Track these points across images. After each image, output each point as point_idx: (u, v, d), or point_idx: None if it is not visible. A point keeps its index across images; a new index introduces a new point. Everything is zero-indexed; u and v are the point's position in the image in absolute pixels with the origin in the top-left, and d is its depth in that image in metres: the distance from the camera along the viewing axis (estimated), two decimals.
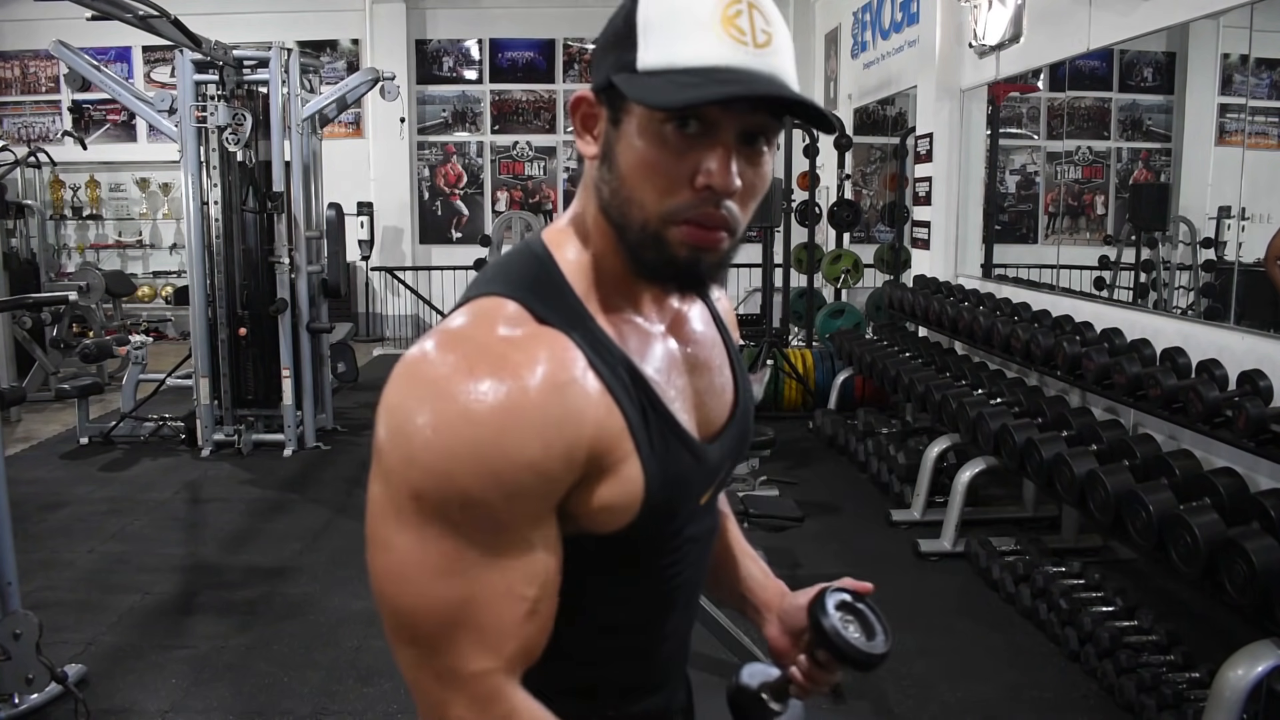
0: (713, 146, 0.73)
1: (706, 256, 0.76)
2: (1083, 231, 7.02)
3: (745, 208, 0.77)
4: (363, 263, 9.37)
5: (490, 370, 0.70)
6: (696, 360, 0.88)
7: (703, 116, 0.72)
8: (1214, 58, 5.51)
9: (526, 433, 0.69)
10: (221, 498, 4.62)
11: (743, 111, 0.73)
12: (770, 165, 0.79)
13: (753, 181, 0.76)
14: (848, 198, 7.27)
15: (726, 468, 0.91)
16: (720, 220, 0.75)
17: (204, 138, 5.22)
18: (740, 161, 0.74)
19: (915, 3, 6.13)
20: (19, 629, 2.58)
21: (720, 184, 0.73)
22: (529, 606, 0.72)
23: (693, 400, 0.86)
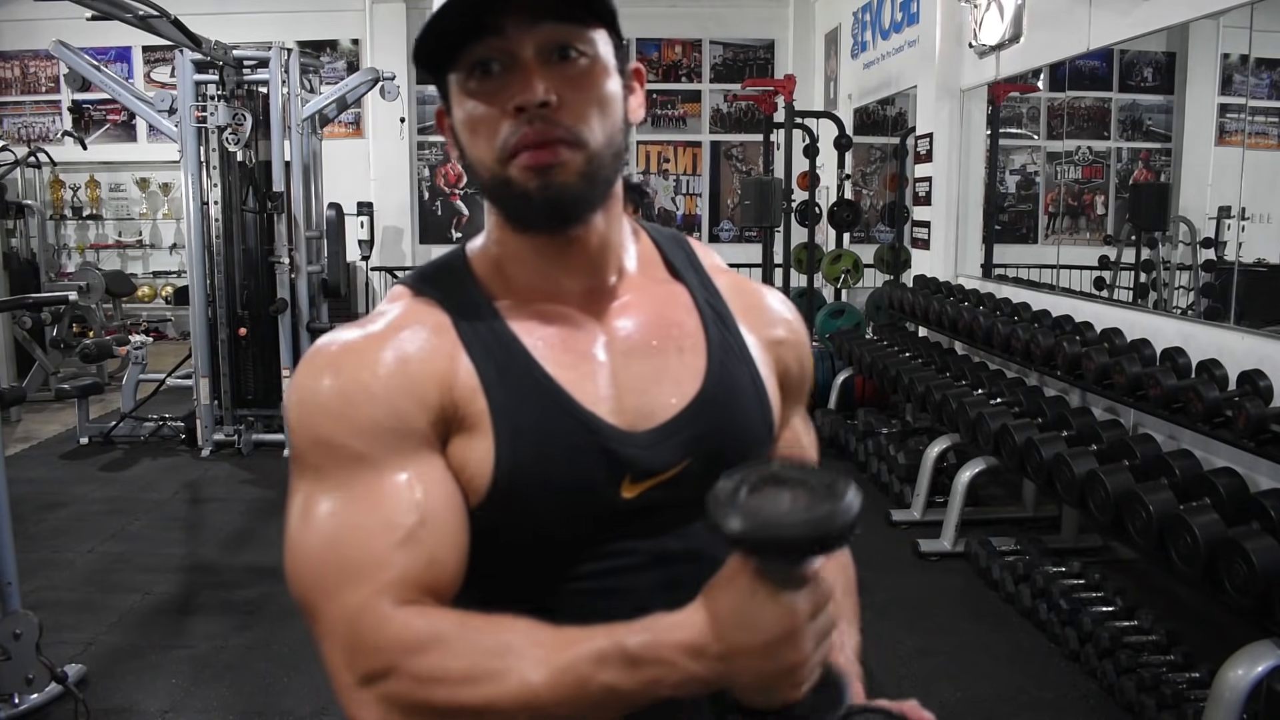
0: (515, 73, 0.73)
1: (553, 175, 0.74)
2: (1083, 231, 7.02)
3: (582, 117, 0.75)
4: (363, 263, 9.36)
5: (344, 337, 0.77)
6: (636, 343, 0.82)
7: (495, 53, 0.73)
8: (1214, 58, 5.51)
9: (365, 371, 0.73)
10: (221, 498, 4.62)
11: (523, 26, 0.73)
12: (602, 71, 0.77)
13: (578, 91, 0.75)
14: (848, 198, 7.27)
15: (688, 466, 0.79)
16: (546, 133, 0.73)
17: (204, 138, 5.22)
18: (552, 76, 0.73)
19: (915, 3, 6.13)
20: (19, 629, 2.58)
21: (524, 99, 0.72)
22: (404, 533, 0.69)
23: (622, 383, 0.79)
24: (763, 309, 0.92)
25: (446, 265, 0.85)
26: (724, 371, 0.83)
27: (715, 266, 0.94)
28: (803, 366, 0.94)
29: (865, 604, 0.97)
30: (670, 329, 0.84)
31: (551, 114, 0.73)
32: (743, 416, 0.83)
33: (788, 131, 6.37)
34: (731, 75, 9.21)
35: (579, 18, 0.75)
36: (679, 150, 9.48)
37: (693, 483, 0.75)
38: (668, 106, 9.38)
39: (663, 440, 0.79)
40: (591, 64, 0.76)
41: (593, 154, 0.75)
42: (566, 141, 0.74)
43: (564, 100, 0.74)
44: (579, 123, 0.75)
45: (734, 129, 9.48)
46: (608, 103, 0.77)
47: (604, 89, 0.76)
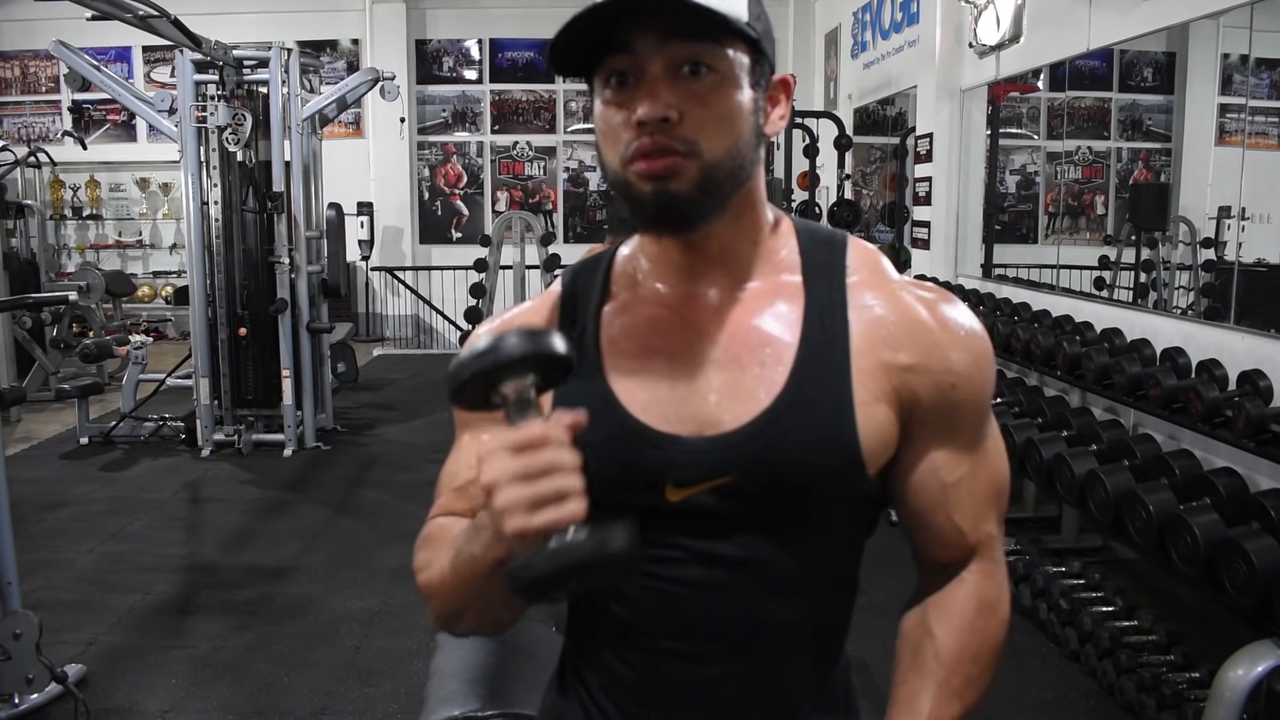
0: (642, 87, 0.77)
1: (667, 184, 0.77)
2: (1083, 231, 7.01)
3: (701, 129, 0.77)
4: (363, 263, 9.37)
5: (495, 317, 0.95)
6: (720, 353, 0.82)
7: (628, 67, 0.77)
8: (1214, 58, 5.50)
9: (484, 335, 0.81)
10: (221, 498, 4.62)
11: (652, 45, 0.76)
12: (730, 87, 0.78)
13: (701, 105, 0.77)
14: (848, 198, 7.27)
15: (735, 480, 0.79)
16: (662, 145, 0.77)
17: (204, 138, 5.22)
18: (676, 91, 0.76)
19: (915, 3, 6.13)
20: (19, 629, 2.58)
21: (645, 113, 0.76)
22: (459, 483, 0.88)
23: (691, 389, 0.81)
24: (895, 328, 0.83)
25: (599, 256, 0.93)
26: (800, 392, 0.80)
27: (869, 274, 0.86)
28: (945, 395, 0.82)
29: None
30: (760, 343, 0.82)
31: (671, 128, 0.76)
32: (808, 442, 0.79)
33: (788, 131, 6.37)
34: None
35: (713, 35, 0.76)
36: None
37: (744, 496, 0.79)
38: None
39: (714, 450, 0.79)
40: (720, 80, 0.78)
41: (708, 164, 0.78)
42: (681, 153, 0.77)
43: (686, 114, 0.76)
44: (697, 135, 0.77)
45: None
46: (732, 117, 0.78)
47: (729, 103, 0.78)
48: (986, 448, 0.88)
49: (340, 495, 4.65)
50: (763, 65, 0.82)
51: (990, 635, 0.92)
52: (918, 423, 0.83)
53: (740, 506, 0.80)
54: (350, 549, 3.91)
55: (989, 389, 0.86)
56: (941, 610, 0.91)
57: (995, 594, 0.92)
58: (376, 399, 6.87)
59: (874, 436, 0.81)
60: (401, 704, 2.70)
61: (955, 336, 0.83)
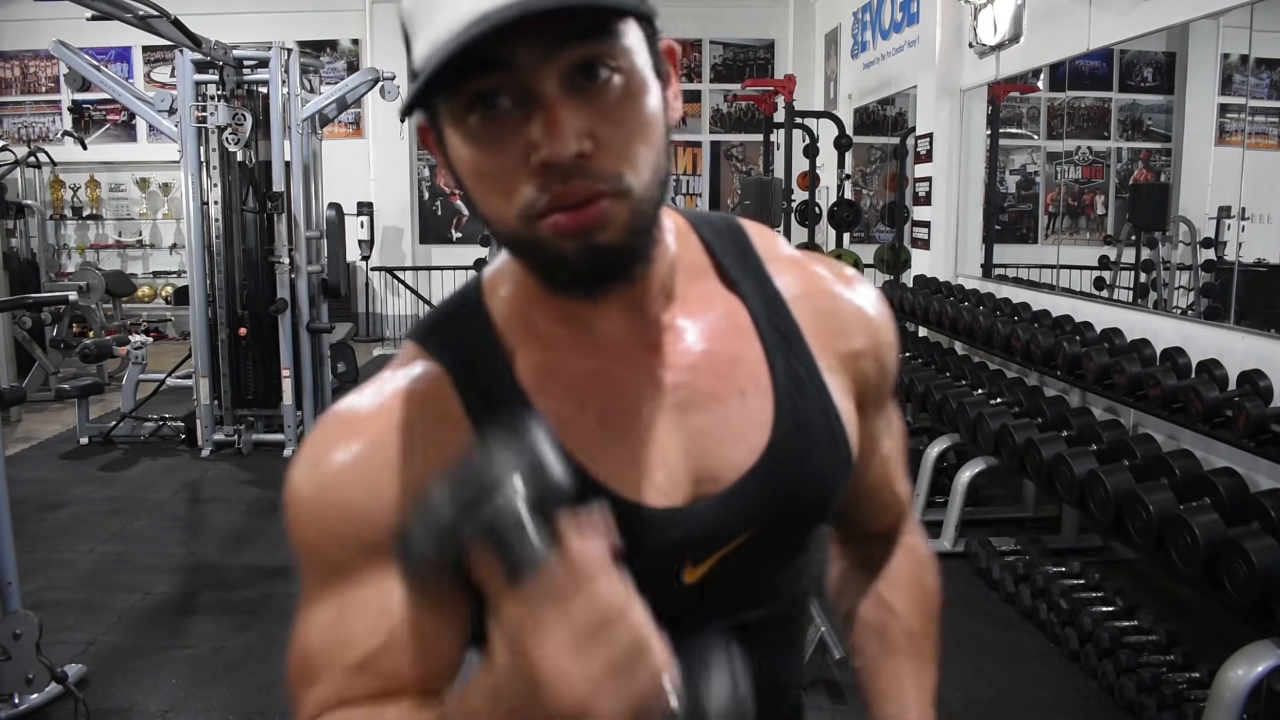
0: (532, 111, 0.57)
1: (595, 236, 0.58)
2: (1083, 231, 7.02)
3: (624, 157, 0.58)
4: (363, 263, 9.37)
5: (341, 421, 0.67)
6: (690, 392, 0.68)
7: (502, 86, 0.57)
8: (1214, 58, 5.51)
9: (352, 476, 0.64)
10: (221, 498, 4.62)
11: (538, 55, 0.56)
12: (638, 87, 0.59)
13: (615, 124, 0.58)
14: (848, 198, 7.28)
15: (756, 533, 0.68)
16: (583, 190, 0.57)
17: (204, 138, 5.22)
18: (581, 109, 0.57)
19: (915, 3, 6.13)
20: (19, 629, 2.58)
21: (551, 152, 0.56)
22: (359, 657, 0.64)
23: (677, 446, 0.67)
24: (837, 314, 0.76)
25: (460, 311, 0.71)
26: (794, 413, 0.70)
27: (778, 259, 0.77)
28: (884, 369, 0.79)
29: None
30: (730, 367, 0.69)
31: (588, 163, 0.57)
32: (817, 465, 0.71)
33: (788, 131, 6.37)
34: (731, 75, 9.21)
35: (606, 24, 0.57)
36: (679, 150, 9.48)
37: (764, 548, 0.70)
38: None
39: (727, 509, 0.67)
40: (627, 81, 0.58)
41: (638, 199, 0.60)
42: (607, 193, 0.58)
43: (600, 140, 0.57)
44: (621, 166, 0.58)
45: (734, 129, 9.49)
46: (652, 126, 0.60)
47: (646, 109, 0.60)
48: (894, 412, 0.85)
49: None
50: (656, 42, 0.62)
51: (935, 586, 0.92)
52: (866, 404, 0.77)
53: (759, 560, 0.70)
54: None
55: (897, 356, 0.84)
56: (893, 584, 0.91)
57: (924, 544, 0.94)
58: None
59: (854, 439, 0.74)
60: None
61: (879, 310, 0.79)
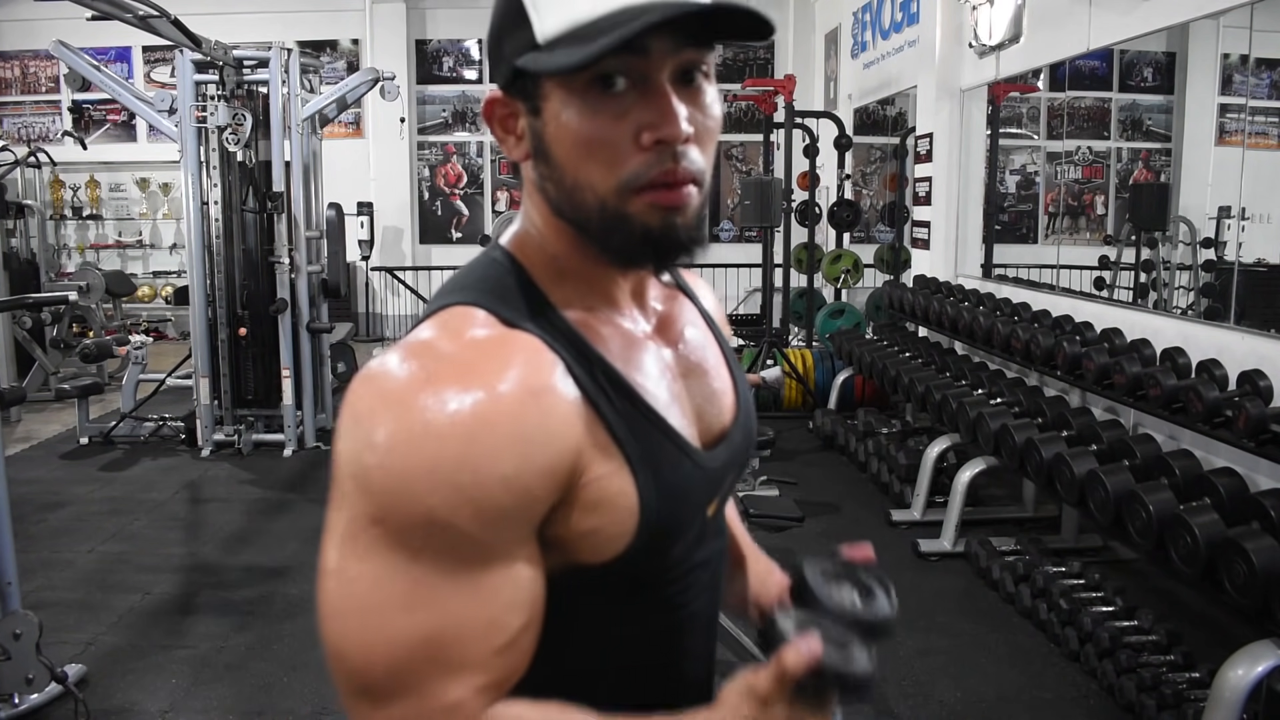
0: (649, 97, 0.66)
1: (679, 217, 0.68)
2: (1083, 231, 7.02)
3: (705, 152, 0.69)
4: (363, 263, 9.37)
5: (456, 378, 0.62)
6: (690, 363, 0.81)
7: (626, 69, 0.65)
8: (1214, 58, 5.51)
9: (499, 444, 0.61)
10: (221, 498, 4.62)
11: (667, 49, 0.65)
12: (716, 96, 0.71)
13: (704, 122, 0.69)
14: (848, 198, 7.28)
15: (731, 476, 0.83)
16: (684, 174, 0.67)
17: (204, 138, 5.22)
18: (684, 100, 0.67)
19: (915, 3, 6.13)
20: (19, 629, 2.58)
21: (670, 134, 0.65)
22: (508, 637, 0.64)
23: (691, 406, 0.79)
24: (719, 311, 0.93)
25: (513, 284, 0.72)
26: (740, 379, 0.86)
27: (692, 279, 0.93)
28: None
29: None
30: (703, 344, 0.84)
31: (687, 149, 0.67)
32: (753, 418, 0.88)
33: (788, 131, 6.37)
34: (731, 75, 9.21)
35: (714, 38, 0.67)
36: None
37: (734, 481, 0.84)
38: None
39: (721, 455, 0.79)
40: (709, 88, 0.70)
41: (706, 186, 0.71)
42: (695, 180, 0.69)
43: (694, 131, 0.68)
44: (706, 158, 0.69)
45: (734, 129, 9.49)
46: (717, 130, 0.71)
47: (717, 115, 0.71)
48: None
49: None
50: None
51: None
52: None
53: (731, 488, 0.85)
54: None
55: None
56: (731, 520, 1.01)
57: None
58: None
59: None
60: None
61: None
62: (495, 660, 0.64)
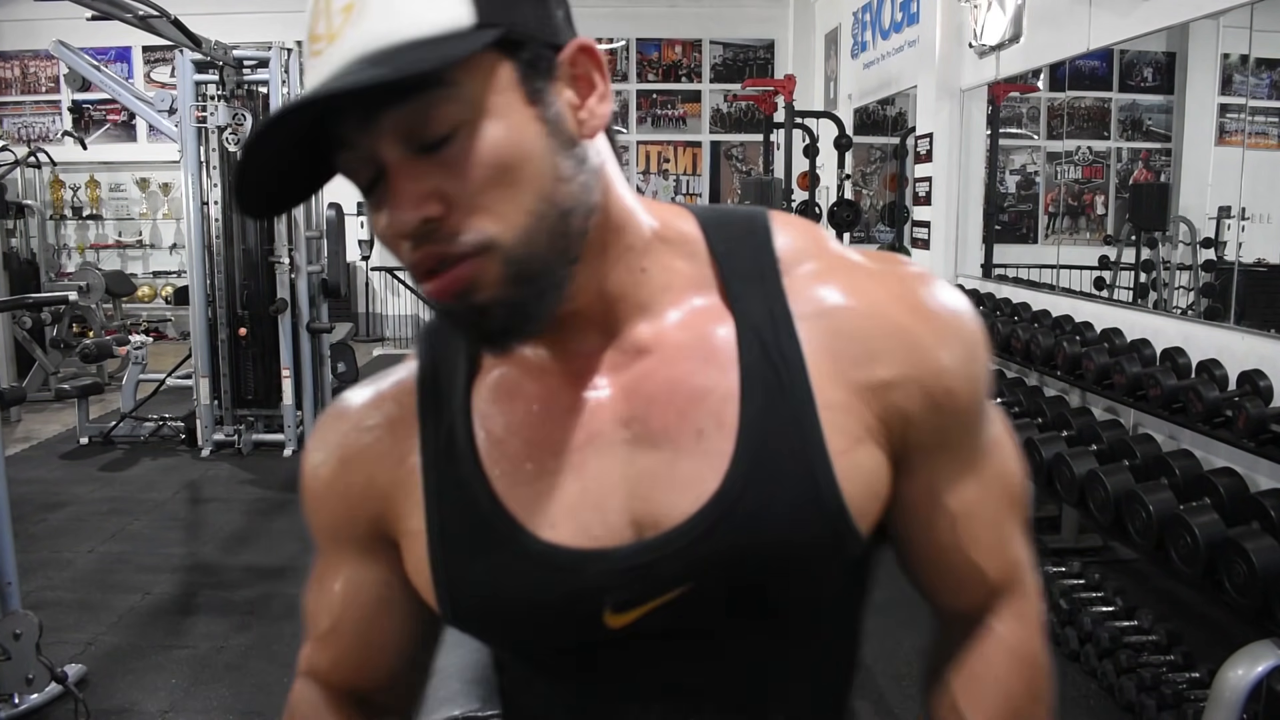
0: (384, 180, 0.56)
1: (473, 298, 0.56)
2: (1083, 231, 7.02)
3: (478, 209, 0.55)
4: (363, 263, 9.36)
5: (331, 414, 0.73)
6: (643, 428, 0.61)
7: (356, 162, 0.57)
8: (1214, 58, 5.51)
9: (320, 470, 0.71)
10: (221, 498, 4.62)
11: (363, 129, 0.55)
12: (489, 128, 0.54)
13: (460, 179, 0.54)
14: (848, 198, 7.28)
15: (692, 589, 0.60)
16: (433, 256, 0.56)
17: (204, 138, 5.22)
18: (427, 171, 0.55)
19: (915, 3, 6.13)
20: (19, 629, 2.58)
21: (393, 226, 0.56)
22: (330, 623, 0.73)
23: (617, 483, 0.61)
24: (863, 335, 0.62)
25: None
26: (759, 458, 0.60)
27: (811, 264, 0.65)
28: (939, 402, 0.63)
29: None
30: (691, 401, 0.61)
31: (440, 227, 0.55)
32: (781, 521, 0.59)
33: (788, 131, 6.37)
34: (731, 75, 9.21)
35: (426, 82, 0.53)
36: (679, 150, 9.48)
37: (705, 608, 0.61)
38: (668, 106, 9.38)
39: (659, 558, 0.60)
40: (471, 129, 0.54)
41: (513, 247, 0.56)
42: (469, 254, 0.55)
43: (450, 198, 0.55)
44: (476, 221, 0.55)
45: (734, 129, 9.49)
46: (515, 166, 0.55)
47: (502, 152, 0.55)
48: (991, 452, 0.68)
49: None
50: (531, 54, 0.56)
51: (1035, 693, 0.73)
52: (913, 449, 0.64)
53: (706, 618, 0.62)
54: None
55: (986, 381, 0.66)
56: (973, 684, 0.72)
57: (1031, 640, 0.73)
58: None
59: (863, 491, 0.61)
60: None
61: (940, 326, 0.63)
62: (312, 647, 0.74)
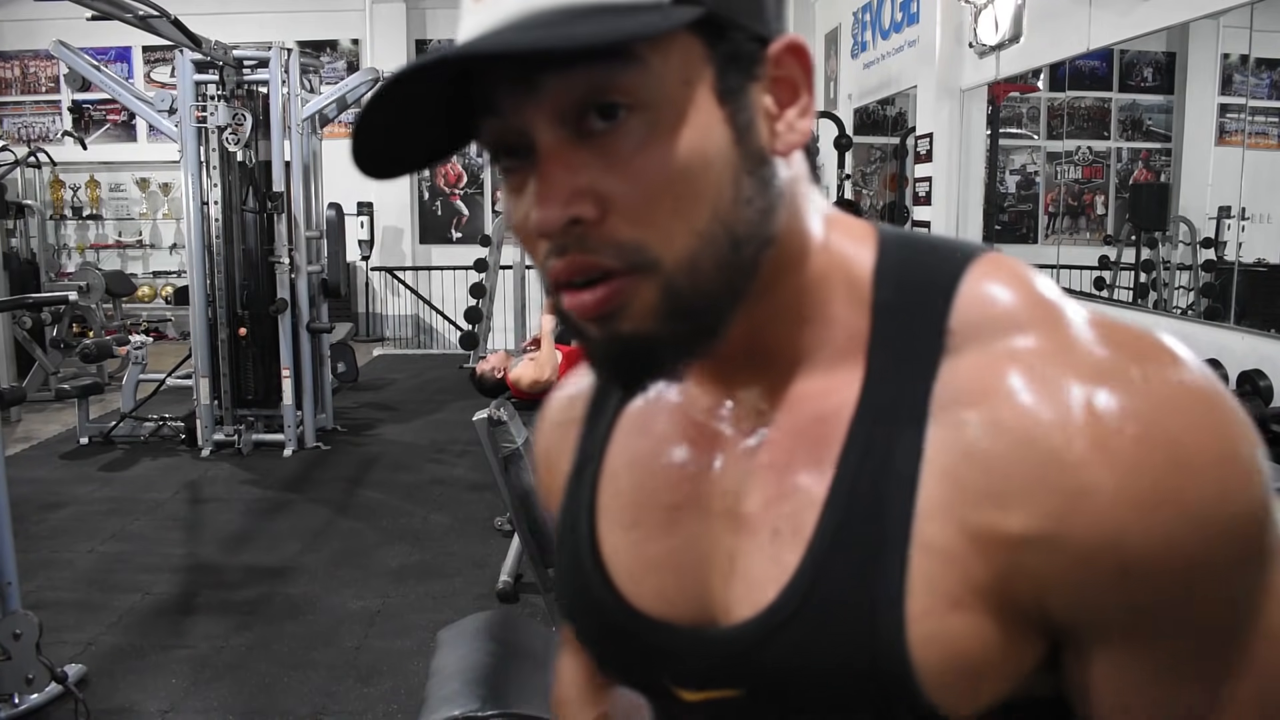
0: (534, 163, 0.47)
1: (617, 326, 0.47)
2: (1083, 231, 7.01)
3: (645, 220, 0.46)
4: (363, 263, 9.37)
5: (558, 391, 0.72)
6: (736, 501, 0.54)
7: (498, 139, 0.48)
8: (1214, 58, 5.50)
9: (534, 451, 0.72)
10: (221, 498, 4.62)
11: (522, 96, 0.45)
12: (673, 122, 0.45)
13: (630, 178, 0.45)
14: (848, 198, 7.28)
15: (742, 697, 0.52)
16: (585, 266, 0.46)
17: (204, 138, 5.23)
18: (588, 160, 0.45)
19: (915, 3, 6.13)
20: (19, 629, 2.58)
21: (535, 224, 0.46)
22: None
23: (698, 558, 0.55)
24: (1001, 466, 0.45)
25: None
26: (820, 579, 0.49)
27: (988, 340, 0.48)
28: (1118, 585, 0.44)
29: None
30: (780, 494, 0.52)
31: (591, 232, 0.46)
32: (825, 661, 0.49)
33: None
34: None
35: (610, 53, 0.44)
36: None
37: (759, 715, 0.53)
38: None
39: (710, 655, 0.53)
40: (653, 118, 0.45)
41: (675, 274, 0.46)
42: (620, 271, 0.46)
43: (610, 199, 0.45)
44: (640, 233, 0.46)
45: None
46: (694, 174, 0.46)
47: (681, 154, 0.45)
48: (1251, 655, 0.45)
49: (340, 495, 4.65)
50: (733, 44, 0.47)
51: None
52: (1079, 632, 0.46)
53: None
54: (350, 549, 3.91)
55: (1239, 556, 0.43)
56: None
57: None
58: (376, 399, 6.87)
59: (943, 661, 0.46)
60: (401, 704, 2.70)
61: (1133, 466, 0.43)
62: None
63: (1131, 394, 0.44)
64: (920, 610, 0.46)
